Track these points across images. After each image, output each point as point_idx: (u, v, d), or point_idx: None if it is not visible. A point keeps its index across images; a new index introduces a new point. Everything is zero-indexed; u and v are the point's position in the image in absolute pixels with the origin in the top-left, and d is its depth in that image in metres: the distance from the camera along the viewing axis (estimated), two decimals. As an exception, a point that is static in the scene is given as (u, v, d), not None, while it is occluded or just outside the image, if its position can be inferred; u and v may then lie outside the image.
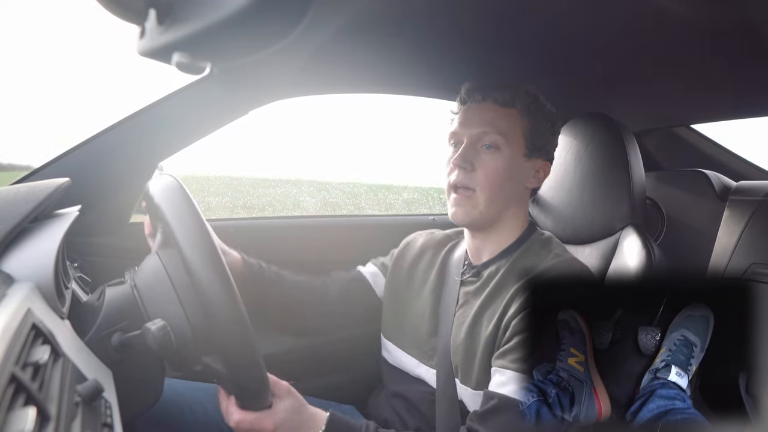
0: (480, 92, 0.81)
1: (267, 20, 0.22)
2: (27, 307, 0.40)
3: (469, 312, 0.79)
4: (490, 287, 0.79)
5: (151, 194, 0.57)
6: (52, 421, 0.32)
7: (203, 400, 0.82)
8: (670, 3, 0.69)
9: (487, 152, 0.78)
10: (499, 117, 0.79)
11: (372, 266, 0.98)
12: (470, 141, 0.79)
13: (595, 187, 0.98)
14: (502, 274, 0.79)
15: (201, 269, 0.51)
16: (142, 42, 0.27)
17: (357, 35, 0.84)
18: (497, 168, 0.77)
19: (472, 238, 0.85)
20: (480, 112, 0.80)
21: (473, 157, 0.78)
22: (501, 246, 0.82)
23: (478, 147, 0.79)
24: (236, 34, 0.23)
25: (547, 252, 0.79)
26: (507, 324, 0.72)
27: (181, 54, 0.24)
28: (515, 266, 0.79)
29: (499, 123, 0.78)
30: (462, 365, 0.77)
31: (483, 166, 0.78)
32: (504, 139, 0.78)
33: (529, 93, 0.81)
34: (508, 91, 0.79)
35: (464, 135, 0.80)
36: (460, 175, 0.78)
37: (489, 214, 0.79)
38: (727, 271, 1.05)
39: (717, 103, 1.16)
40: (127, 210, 0.99)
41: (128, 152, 0.93)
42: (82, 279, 0.85)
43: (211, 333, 0.53)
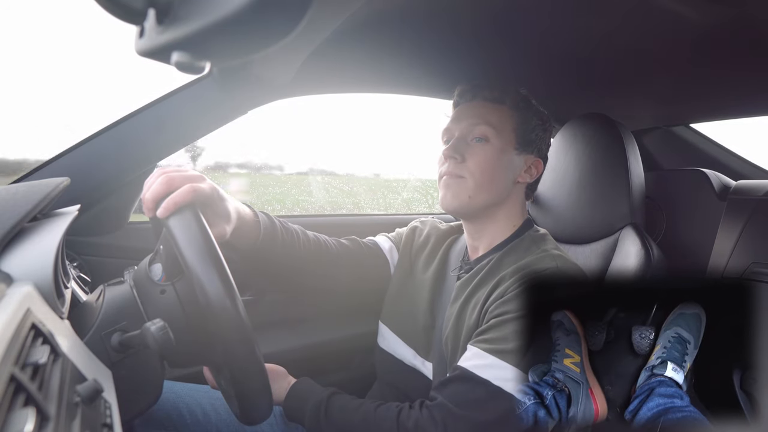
0: (470, 92, 0.84)
1: (266, 20, 0.22)
2: (26, 307, 0.40)
3: (456, 305, 0.80)
4: (476, 279, 0.80)
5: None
6: (52, 422, 0.32)
7: (203, 402, 0.82)
8: (670, 3, 0.69)
9: (477, 144, 0.81)
10: (489, 111, 0.82)
11: (388, 241, 0.96)
12: (461, 134, 0.82)
13: (594, 186, 0.98)
14: (490, 266, 0.79)
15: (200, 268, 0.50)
16: (141, 42, 0.26)
17: (356, 35, 0.84)
18: (486, 158, 0.80)
19: (467, 233, 0.87)
20: (471, 109, 0.83)
21: (464, 149, 0.80)
22: (495, 241, 0.84)
23: (468, 140, 0.81)
24: (236, 33, 0.22)
25: (536, 248, 0.80)
26: (485, 310, 0.73)
27: (181, 53, 0.24)
28: (502, 259, 0.79)
29: (489, 116, 0.81)
30: (450, 356, 0.78)
31: (473, 156, 0.80)
32: (493, 130, 0.80)
33: (518, 91, 0.84)
34: (497, 89, 0.83)
35: (455, 129, 0.83)
36: (451, 165, 0.80)
37: (477, 202, 0.80)
38: (727, 270, 1.05)
39: (717, 102, 1.16)
40: (127, 209, 0.99)
41: (127, 152, 0.93)
42: (81, 278, 0.84)
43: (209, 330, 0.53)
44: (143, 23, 0.26)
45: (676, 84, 1.05)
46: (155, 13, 0.25)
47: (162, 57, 0.25)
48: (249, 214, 0.73)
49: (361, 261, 0.90)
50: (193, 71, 0.25)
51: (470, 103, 0.84)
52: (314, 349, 1.12)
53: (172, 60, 0.25)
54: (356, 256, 0.90)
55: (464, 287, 0.81)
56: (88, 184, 0.90)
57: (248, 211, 0.73)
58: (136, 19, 0.25)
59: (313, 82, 1.05)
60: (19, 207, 0.51)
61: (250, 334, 0.51)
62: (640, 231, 0.93)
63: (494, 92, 0.83)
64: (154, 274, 0.58)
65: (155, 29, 0.25)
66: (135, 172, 0.94)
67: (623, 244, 0.93)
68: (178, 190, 0.56)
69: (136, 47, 0.27)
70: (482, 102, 0.83)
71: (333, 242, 0.88)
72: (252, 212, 0.74)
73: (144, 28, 0.26)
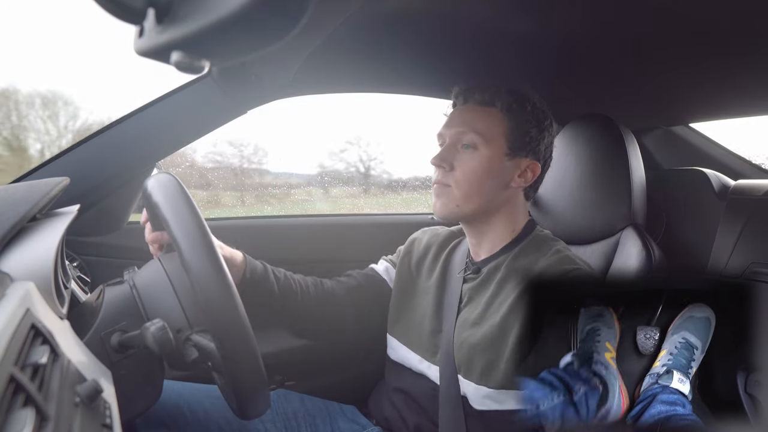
0: (462, 95, 0.84)
1: (266, 20, 0.22)
2: (26, 307, 0.40)
3: (473, 309, 0.81)
4: (493, 285, 0.80)
5: (149, 192, 0.57)
6: (51, 422, 0.32)
7: (203, 401, 0.82)
8: (670, 2, 0.69)
9: (465, 152, 0.81)
10: (477, 117, 0.81)
11: (384, 262, 0.99)
12: (451, 141, 0.82)
13: (595, 187, 0.98)
14: (503, 271, 0.80)
15: (198, 266, 0.50)
16: (140, 41, 0.26)
17: (356, 34, 0.84)
18: (474, 167, 0.80)
19: (469, 235, 0.88)
20: (461, 114, 0.83)
21: (452, 156, 0.81)
22: (498, 244, 0.84)
23: (458, 147, 0.82)
24: (235, 33, 0.22)
25: (547, 248, 0.81)
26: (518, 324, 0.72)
27: (180, 53, 0.24)
28: (516, 263, 0.80)
29: (477, 123, 0.81)
30: (465, 361, 0.78)
31: (461, 165, 0.80)
32: (481, 138, 0.80)
33: (511, 92, 0.82)
34: (488, 92, 0.82)
35: (447, 135, 0.83)
36: (440, 174, 0.82)
37: (467, 210, 0.81)
38: (727, 270, 1.05)
39: (717, 102, 1.16)
40: (126, 209, 0.99)
41: (127, 151, 0.93)
42: (81, 278, 0.85)
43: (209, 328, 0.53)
44: (143, 23, 0.26)
45: (676, 84, 1.05)
46: (155, 12, 0.25)
47: (161, 57, 0.25)
48: (238, 256, 0.78)
49: (363, 296, 0.93)
50: (192, 71, 0.25)
51: (462, 106, 0.84)
52: (314, 349, 1.12)
53: (171, 60, 0.24)
54: (358, 292, 0.92)
55: (478, 292, 0.82)
56: (87, 184, 0.90)
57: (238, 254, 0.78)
58: (136, 19, 0.25)
59: (313, 82, 1.05)
60: (19, 207, 0.51)
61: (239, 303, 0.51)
62: (641, 231, 0.93)
63: (485, 95, 0.82)
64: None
65: (155, 29, 0.25)
66: (135, 172, 0.94)
67: (624, 244, 0.93)
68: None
69: (135, 47, 0.27)
70: (473, 106, 0.83)
71: (335, 286, 0.91)
72: (242, 256, 0.79)
73: (143, 28, 0.26)
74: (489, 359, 0.75)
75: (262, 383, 0.54)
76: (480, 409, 0.76)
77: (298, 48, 0.79)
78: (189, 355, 0.55)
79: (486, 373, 0.75)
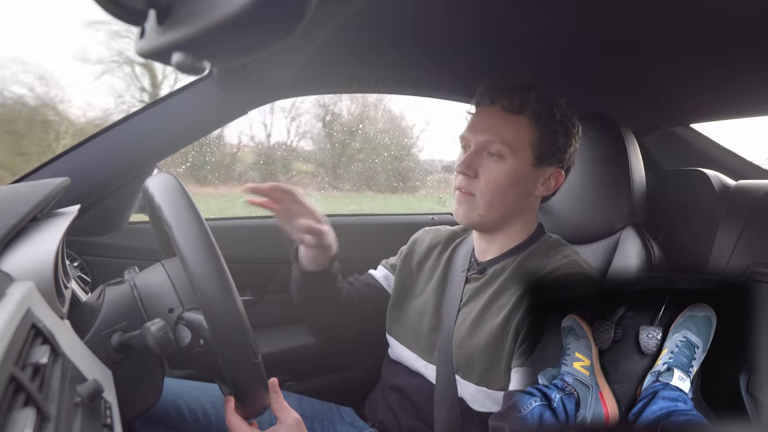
0: (489, 96, 0.80)
1: (267, 20, 0.22)
2: (26, 307, 0.40)
3: (473, 308, 0.80)
4: (496, 285, 0.79)
5: (150, 192, 0.57)
6: (52, 422, 0.32)
7: (203, 400, 0.82)
8: (671, 3, 0.69)
9: (491, 160, 0.78)
10: (505, 125, 0.78)
11: (382, 269, 0.99)
12: (476, 148, 0.79)
13: (596, 186, 0.98)
14: (510, 272, 0.79)
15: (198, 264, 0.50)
16: (141, 42, 0.26)
17: (357, 34, 0.84)
18: (499, 177, 0.78)
19: (478, 238, 0.87)
20: (487, 118, 0.80)
21: (477, 163, 0.79)
22: (508, 246, 0.83)
23: (483, 154, 0.79)
24: (236, 33, 0.22)
25: (555, 253, 0.80)
26: (519, 324, 0.73)
27: (181, 54, 0.24)
28: (522, 265, 0.80)
29: (505, 132, 0.77)
30: (464, 361, 0.77)
31: (486, 173, 0.78)
32: (509, 149, 0.77)
33: (540, 100, 0.78)
34: (516, 98, 0.78)
35: (472, 140, 0.80)
36: (464, 181, 0.79)
37: (489, 219, 0.80)
38: (727, 270, 1.05)
39: (717, 102, 1.16)
40: (127, 209, 0.99)
41: (127, 152, 0.93)
42: (81, 278, 0.85)
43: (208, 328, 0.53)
44: (144, 24, 0.26)
45: (677, 85, 1.05)
46: (156, 13, 0.25)
47: (162, 58, 0.25)
48: (334, 248, 0.87)
49: (364, 305, 0.95)
50: (193, 72, 0.25)
51: (489, 108, 0.80)
52: (314, 349, 1.12)
53: (172, 61, 0.25)
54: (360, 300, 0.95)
55: (480, 292, 0.81)
56: (88, 184, 0.90)
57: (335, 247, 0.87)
58: (137, 20, 0.25)
59: (314, 82, 1.05)
60: (20, 207, 0.51)
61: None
62: (641, 231, 0.93)
63: (513, 102, 0.78)
64: None
65: (156, 30, 0.25)
66: (135, 173, 0.94)
67: (624, 244, 0.93)
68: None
69: (136, 48, 0.27)
70: (500, 111, 0.78)
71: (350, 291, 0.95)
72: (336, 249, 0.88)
73: (144, 29, 0.26)
74: (489, 360, 0.75)
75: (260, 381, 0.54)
76: (480, 410, 0.76)
77: (298, 48, 0.78)
78: (183, 339, 0.56)
79: (487, 374, 0.75)
